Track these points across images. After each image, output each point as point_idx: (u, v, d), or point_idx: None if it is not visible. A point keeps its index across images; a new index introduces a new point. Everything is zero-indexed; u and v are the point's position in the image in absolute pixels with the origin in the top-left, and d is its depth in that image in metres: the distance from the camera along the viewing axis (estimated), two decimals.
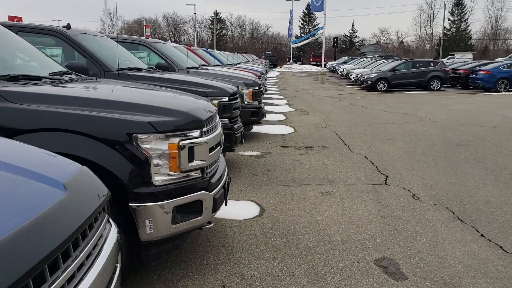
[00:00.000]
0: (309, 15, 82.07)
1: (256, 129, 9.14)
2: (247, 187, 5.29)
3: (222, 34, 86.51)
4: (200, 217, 2.98)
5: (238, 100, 6.00)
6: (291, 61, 60.24)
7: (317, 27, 74.88)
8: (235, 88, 6.10)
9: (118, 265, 1.79)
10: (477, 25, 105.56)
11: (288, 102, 15.95)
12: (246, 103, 8.04)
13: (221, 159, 3.72)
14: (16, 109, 2.60)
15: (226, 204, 3.43)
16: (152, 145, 2.72)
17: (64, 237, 1.16)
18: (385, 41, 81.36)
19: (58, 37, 5.45)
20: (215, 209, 3.09)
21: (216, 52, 19.24)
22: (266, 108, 13.26)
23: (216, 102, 5.40)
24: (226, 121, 5.58)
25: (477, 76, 21.42)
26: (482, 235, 3.94)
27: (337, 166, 6.34)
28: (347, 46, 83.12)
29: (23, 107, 2.62)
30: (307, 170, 6.12)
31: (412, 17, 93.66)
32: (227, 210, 4.20)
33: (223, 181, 3.36)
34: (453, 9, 70.75)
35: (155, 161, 2.73)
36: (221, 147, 3.46)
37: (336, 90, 22.48)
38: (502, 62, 22.50)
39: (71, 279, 1.23)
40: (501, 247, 3.69)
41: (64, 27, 5.63)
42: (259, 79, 11.51)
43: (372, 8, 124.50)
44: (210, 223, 3.16)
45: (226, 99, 5.56)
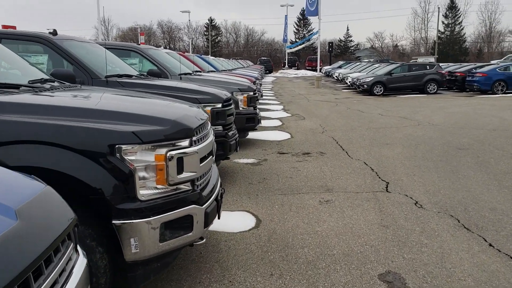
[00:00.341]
0: (303, 21, 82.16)
1: (251, 135, 8.94)
2: (242, 196, 5.07)
3: (217, 41, 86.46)
4: (191, 233, 2.76)
5: (232, 106, 5.80)
6: (286, 66, 60.15)
7: (312, 32, 74.91)
8: (228, 94, 5.90)
9: None
10: (471, 28, 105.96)
11: (284, 107, 15.77)
12: (241, 109, 7.84)
13: (213, 169, 3.52)
14: None
15: (219, 217, 3.22)
16: (137, 156, 2.51)
17: (6, 280, 0.94)
18: (380, 45, 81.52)
19: (44, 43, 5.24)
20: (207, 224, 2.88)
21: (210, 58, 19.06)
22: (262, 114, 13.06)
23: (209, 109, 5.19)
24: (220, 128, 5.37)
25: (473, 79, 21.31)
26: (490, 244, 3.74)
27: (335, 173, 6.14)
28: (342, 51, 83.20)
29: None
30: (305, 177, 5.91)
31: (407, 21, 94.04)
32: (221, 222, 3.98)
33: (215, 193, 3.15)
34: (447, 13, 70.94)
35: (141, 174, 2.52)
36: (213, 156, 3.25)
37: (332, 94, 22.33)
38: (498, 64, 22.41)
39: None
40: (511, 257, 3.49)
41: (50, 33, 5.42)
42: (254, 84, 11.33)
43: (366, 12, 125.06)
44: (202, 238, 2.94)
45: (220, 105, 5.36)
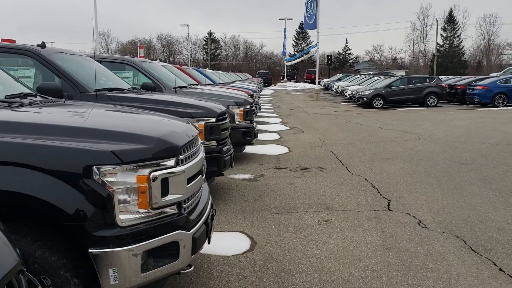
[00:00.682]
0: (302, 34, 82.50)
1: (248, 149, 8.72)
2: (237, 215, 4.83)
3: (216, 54, 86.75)
4: (177, 261, 2.52)
5: (227, 120, 5.59)
6: (285, 79, 60.19)
7: (310, 45, 75.11)
8: (223, 108, 5.69)
9: None
10: (469, 41, 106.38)
11: (283, 120, 15.58)
12: (237, 123, 7.65)
13: (204, 188, 3.29)
14: None
15: (209, 242, 2.98)
16: (117, 178, 2.29)
17: None
18: (379, 58, 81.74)
19: (32, 56, 5.06)
20: (195, 250, 2.64)
21: (208, 71, 18.93)
22: (259, 127, 12.87)
23: (202, 123, 4.98)
24: (214, 143, 5.16)
25: (474, 92, 21.17)
26: (500, 269, 3.50)
27: (335, 190, 5.90)
28: (341, 64, 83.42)
29: None
30: (303, 194, 5.68)
31: (405, 34, 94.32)
32: (214, 243, 3.73)
33: (205, 215, 2.91)
34: (446, 26, 71.26)
35: (121, 197, 2.30)
36: (202, 175, 3.03)
37: (332, 107, 22.17)
38: (498, 77, 22.29)
39: None
40: None
41: (38, 45, 5.24)
42: (251, 97, 11.15)
43: (365, 25, 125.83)
44: (190, 266, 2.70)
45: (214, 119, 5.15)
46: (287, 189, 5.94)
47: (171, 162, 2.51)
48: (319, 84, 34.10)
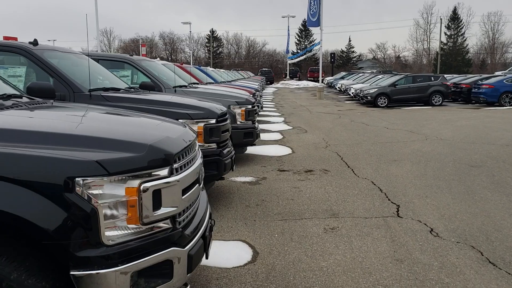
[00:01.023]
0: (305, 31, 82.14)
1: (250, 150, 8.47)
2: (238, 222, 4.58)
3: (218, 52, 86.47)
4: (171, 281, 2.27)
5: (228, 121, 5.34)
6: (287, 77, 59.88)
7: (313, 43, 74.91)
8: (224, 108, 5.44)
9: None
10: (473, 39, 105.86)
11: (285, 119, 15.33)
12: (239, 123, 7.40)
13: (202, 196, 3.05)
14: None
15: (207, 257, 2.73)
16: (103, 190, 2.04)
17: None
18: (382, 56, 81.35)
19: (23, 54, 4.82)
20: (190, 268, 2.39)
21: (209, 69, 18.67)
22: (261, 126, 12.61)
23: (201, 125, 4.74)
24: (214, 146, 4.91)
25: (479, 91, 20.85)
26: None
27: (341, 194, 5.65)
28: (344, 62, 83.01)
29: None
30: (308, 199, 5.43)
31: (409, 32, 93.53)
32: (214, 253, 3.51)
33: (202, 228, 2.67)
34: (450, 24, 70.75)
35: (108, 212, 2.05)
36: (200, 184, 2.78)
37: (335, 106, 21.90)
38: (505, 75, 21.94)
39: None
40: None
41: (30, 43, 5.00)
42: (253, 96, 10.89)
43: (368, 23, 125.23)
44: (186, 285, 2.46)
45: (213, 121, 4.89)
46: (291, 193, 5.69)
47: (164, 171, 2.26)
48: (322, 82, 33.81)
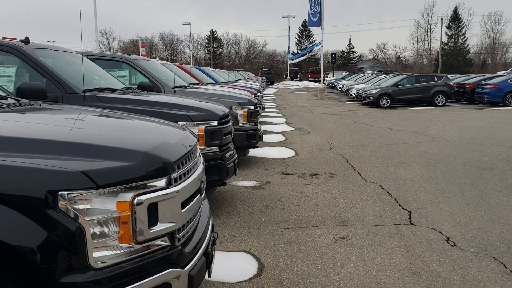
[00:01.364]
0: (305, 32, 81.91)
1: (252, 152, 8.21)
2: (242, 231, 4.31)
3: (218, 53, 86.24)
4: None
5: (230, 123, 5.08)
6: (288, 77, 59.62)
7: (313, 43, 74.69)
8: (226, 110, 5.18)
9: None
10: (474, 39, 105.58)
11: (287, 120, 15.06)
12: (241, 125, 7.14)
13: (203, 207, 2.78)
14: None
15: (209, 275, 2.47)
16: (91, 205, 1.77)
17: None
18: (383, 56, 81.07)
19: (13, 53, 4.55)
20: None
21: (210, 69, 18.41)
22: (263, 128, 12.34)
23: (202, 128, 4.47)
24: (216, 149, 4.64)
25: (483, 91, 20.57)
26: None
27: (349, 200, 5.38)
28: (344, 62, 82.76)
29: None
30: (314, 205, 5.16)
31: (409, 32, 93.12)
32: (217, 267, 3.23)
33: (204, 243, 2.40)
34: (450, 24, 70.48)
35: (96, 230, 1.79)
36: (201, 194, 2.51)
37: (337, 106, 21.63)
38: (509, 75, 21.67)
39: None
40: None
41: (21, 41, 4.74)
42: (255, 97, 10.63)
43: (369, 23, 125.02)
44: None
45: (215, 123, 4.63)
46: (296, 199, 5.42)
47: (161, 182, 2.00)
48: (323, 82, 33.54)
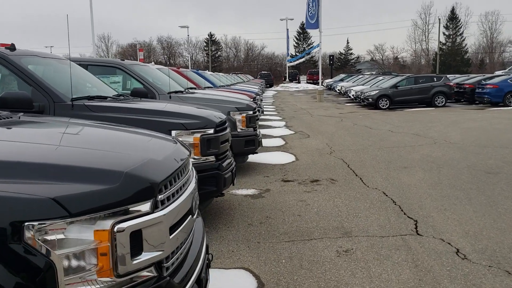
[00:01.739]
0: (303, 34, 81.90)
1: (251, 158, 7.99)
2: (240, 245, 4.09)
3: (217, 56, 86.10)
4: None
5: (227, 131, 4.86)
6: (287, 80, 59.48)
7: (311, 45, 74.50)
8: (223, 116, 4.96)
9: None
10: (472, 38, 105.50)
11: (287, 123, 14.85)
12: (239, 130, 6.93)
13: (196, 225, 2.57)
14: None
15: None
16: (64, 236, 1.56)
17: None
18: (381, 57, 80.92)
19: None
20: None
21: (207, 73, 18.20)
22: (262, 132, 12.10)
23: (198, 136, 4.25)
24: (212, 158, 4.42)
25: (484, 91, 20.38)
26: None
27: (352, 208, 5.16)
28: (342, 64, 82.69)
29: None
30: (316, 215, 4.94)
31: (407, 33, 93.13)
32: (213, 285, 3.02)
33: (197, 269, 2.18)
34: (448, 24, 70.43)
35: (70, 264, 1.57)
36: (193, 215, 2.29)
37: (336, 108, 21.44)
38: (509, 75, 21.48)
39: None
40: None
41: (7, 48, 4.52)
42: (254, 101, 10.43)
43: (366, 25, 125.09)
44: None
45: (212, 131, 4.40)
46: (297, 208, 5.20)
47: (145, 206, 1.78)
48: (321, 84, 33.36)
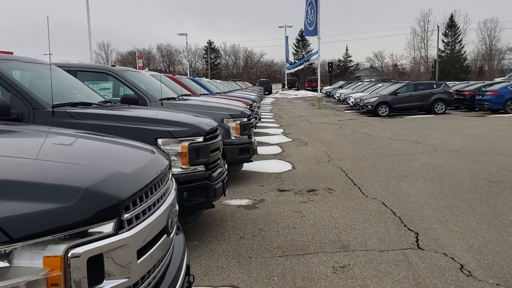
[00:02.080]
0: (302, 41, 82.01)
1: (247, 166, 7.75)
2: (230, 260, 3.85)
3: (216, 63, 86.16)
4: None
5: (219, 138, 4.63)
6: (286, 87, 59.38)
7: (310, 53, 74.54)
8: (214, 123, 4.73)
9: None
10: (471, 46, 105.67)
11: (284, 131, 14.64)
12: (233, 138, 6.71)
13: (176, 241, 2.34)
14: None
15: None
16: (7, 263, 1.33)
17: None
18: (380, 64, 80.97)
19: None
20: None
21: (204, 80, 18.01)
22: (260, 139, 11.90)
23: (186, 145, 4.02)
24: (201, 168, 4.18)
25: (484, 98, 20.20)
26: None
27: (349, 220, 4.92)
28: (341, 71, 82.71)
29: None
30: (312, 227, 4.70)
31: (406, 40, 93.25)
32: None
33: None
34: (447, 31, 70.55)
35: None
36: (169, 234, 2.05)
37: (335, 116, 21.24)
38: (509, 82, 21.31)
39: None
40: None
41: None
42: (250, 108, 10.22)
43: (365, 32, 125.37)
44: None
45: (201, 139, 4.17)
46: (292, 220, 4.96)
47: (107, 227, 1.54)
48: (320, 91, 33.21)
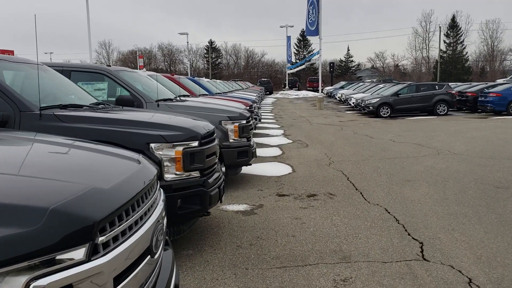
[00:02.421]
0: (303, 41, 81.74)
1: (246, 169, 7.55)
2: (226, 271, 3.66)
3: (217, 63, 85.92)
4: None
5: (215, 142, 4.44)
6: (287, 87, 59.18)
7: (312, 53, 74.28)
8: (210, 127, 4.54)
9: None
10: (472, 47, 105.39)
11: (285, 132, 14.44)
12: (232, 141, 6.52)
13: (165, 257, 2.16)
14: None
15: None
16: None
17: None
18: (382, 65, 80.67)
19: None
20: None
21: (204, 80, 17.80)
22: (259, 140, 11.72)
23: (180, 150, 3.83)
24: (197, 174, 3.99)
25: (486, 99, 20.01)
26: None
27: (351, 228, 4.73)
28: (343, 71, 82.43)
29: None
30: (312, 235, 4.51)
31: (407, 41, 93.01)
32: None
33: None
34: (448, 32, 70.20)
35: None
36: (153, 255, 1.86)
37: (336, 116, 21.04)
38: (511, 83, 21.11)
39: None
40: None
41: None
42: (250, 109, 10.03)
43: (367, 32, 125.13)
44: None
45: (196, 143, 3.98)
46: (292, 227, 4.77)
47: (78, 253, 1.36)
48: (321, 92, 33.01)
